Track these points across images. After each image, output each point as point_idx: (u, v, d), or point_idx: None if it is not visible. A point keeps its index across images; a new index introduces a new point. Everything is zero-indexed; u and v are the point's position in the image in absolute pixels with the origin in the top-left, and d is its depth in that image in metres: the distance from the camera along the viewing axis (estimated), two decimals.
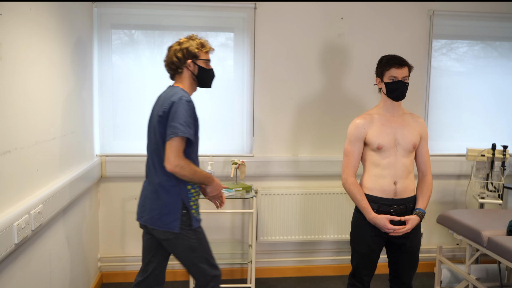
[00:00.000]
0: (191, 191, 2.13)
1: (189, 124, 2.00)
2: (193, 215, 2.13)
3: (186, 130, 1.98)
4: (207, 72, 2.18)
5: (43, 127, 2.12)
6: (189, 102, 2.03)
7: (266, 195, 3.31)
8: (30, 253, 1.97)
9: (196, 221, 2.16)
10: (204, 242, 2.21)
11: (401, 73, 2.20)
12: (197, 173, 2.05)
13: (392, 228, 2.19)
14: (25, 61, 1.91)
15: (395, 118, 2.28)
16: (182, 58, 2.12)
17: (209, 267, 2.19)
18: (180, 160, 1.97)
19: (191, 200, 2.13)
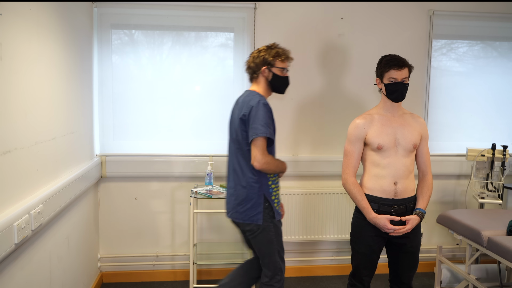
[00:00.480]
0: (272, 186, 2.34)
1: (268, 125, 2.22)
2: (275, 208, 2.33)
3: (267, 130, 2.21)
4: (280, 79, 2.34)
5: (43, 127, 2.12)
6: (266, 105, 2.24)
7: None
8: (30, 253, 1.97)
9: (278, 214, 2.35)
10: (279, 235, 2.37)
11: (400, 74, 2.20)
12: (279, 165, 2.33)
13: (392, 228, 2.19)
14: (25, 61, 1.91)
15: (395, 118, 2.28)
16: (258, 64, 2.32)
17: (280, 260, 2.38)
18: (266, 157, 2.22)
19: (272, 194, 2.33)
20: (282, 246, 2.40)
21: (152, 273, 3.38)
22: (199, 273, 3.38)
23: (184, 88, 3.30)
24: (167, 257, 3.39)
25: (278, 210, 2.35)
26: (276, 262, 2.37)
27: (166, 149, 3.31)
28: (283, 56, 2.33)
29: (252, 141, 2.20)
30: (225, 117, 3.35)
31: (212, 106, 3.33)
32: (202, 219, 3.38)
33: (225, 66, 3.33)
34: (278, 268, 2.37)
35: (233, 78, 3.32)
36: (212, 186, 3.07)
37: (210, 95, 3.33)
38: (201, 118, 3.34)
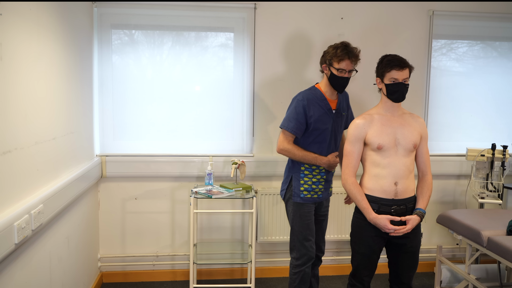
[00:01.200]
0: (305, 172, 2.58)
1: (290, 119, 2.52)
2: (296, 190, 2.59)
3: (286, 124, 2.54)
4: (336, 79, 2.49)
5: (43, 127, 2.12)
6: (299, 101, 2.52)
7: (266, 195, 3.31)
8: (30, 253, 1.97)
9: (297, 197, 2.60)
10: (300, 218, 2.60)
11: (402, 74, 2.20)
12: (297, 156, 2.53)
13: (392, 228, 2.19)
14: (25, 61, 1.91)
15: (395, 118, 2.28)
16: (321, 60, 2.56)
17: (299, 244, 2.60)
18: (283, 145, 2.54)
19: (302, 179, 2.59)
20: (303, 231, 2.60)
21: (152, 273, 3.38)
22: (199, 273, 3.38)
23: (184, 88, 3.30)
24: (167, 257, 3.39)
25: (301, 194, 2.59)
26: (295, 242, 2.62)
27: (166, 149, 3.31)
28: (339, 57, 2.44)
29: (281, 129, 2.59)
30: (225, 117, 3.36)
31: (212, 106, 3.33)
32: (202, 219, 3.38)
33: (225, 66, 3.33)
34: (302, 251, 2.60)
35: (233, 78, 3.32)
36: (212, 186, 3.07)
37: (210, 95, 3.33)
38: (201, 118, 3.34)
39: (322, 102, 2.55)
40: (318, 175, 2.59)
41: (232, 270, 3.45)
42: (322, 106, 2.54)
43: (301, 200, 2.59)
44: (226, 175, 3.29)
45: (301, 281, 2.61)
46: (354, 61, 2.47)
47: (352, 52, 2.44)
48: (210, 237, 3.40)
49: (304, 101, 2.51)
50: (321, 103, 2.54)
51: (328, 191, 2.71)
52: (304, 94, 2.55)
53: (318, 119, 2.52)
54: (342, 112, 2.64)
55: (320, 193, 2.62)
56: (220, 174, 3.29)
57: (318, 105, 2.53)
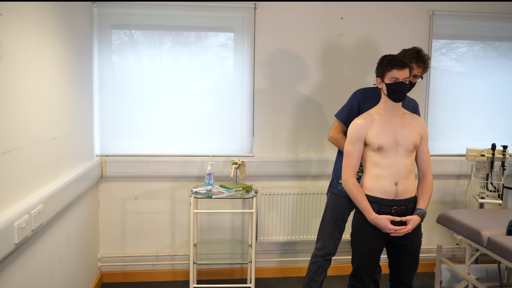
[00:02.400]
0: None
1: (343, 109, 2.63)
2: (335, 182, 2.68)
3: (339, 113, 2.66)
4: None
5: (43, 127, 2.12)
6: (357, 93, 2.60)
7: (266, 195, 3.31)
8: (30, 253, 1.97)
9: (335, 188, 2.68)
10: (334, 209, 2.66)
11: (402, 74, 2.20)
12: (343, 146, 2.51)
13: (393, 228, 2.19)
14: (25, 61, 1.91)
15: (395, 118, 2.28)
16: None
17: (324, 235, 2.67)
18: (333, 133, 2.63)
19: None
20: (331, 223, 2.65)
21: (152, 273, 3.38)
22: (199, 273, 3.38)
23: (184, 88, 3.30)
24: (167, 257, 3.39)
25: (339, 186, 2.64)
26: (321, 232, 2.69)
27: (166, 149, 3.31)
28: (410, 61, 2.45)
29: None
30: (225, 117, 3.37)
31: (212, 106, 3.33)
32: (202, 219, 3.38)
33: (225, 66, 3.33)
34: (325, 243, 2.66)
35: (233, 78, 3.32)
36: (212, 186, 3.07)
37: (210, 95, 3.33)
38: (201, 118, 3.34)
39: (375, 97, 2.54)
40: (361, 172, 2.49)
41: (232, 270, 3.45)
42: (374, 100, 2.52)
43: (339, 192, 2.64)
44: (226, 175, 3.29)
45: (316, 271, 2.69)
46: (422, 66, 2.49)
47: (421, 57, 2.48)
48: (210, 237, 3.40)
49: (362, 94, 2.57)
50: (374, 98, 2.53)
51: None
52: (364, 89, 2.60)
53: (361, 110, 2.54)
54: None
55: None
56: (220, 174, 3.29)
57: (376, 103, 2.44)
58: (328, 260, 2.70)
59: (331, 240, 2.66)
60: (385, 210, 2.22)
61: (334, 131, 2.64)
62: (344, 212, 2.66)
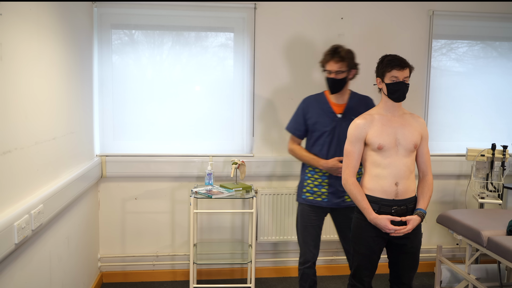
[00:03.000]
0: (308, 174, 2.64)
1: (291, 120, 2.71)
2: (300, 191, 2.67)
3: (288, 124, 2.73)
4: (328, 80, 2.58)
5: (43, 127, 2.12)
6: (300, 104, 2.68)
7: (266, 195, 3.31)
8: (30, 253, 1.97)
9: (299, 197, 2.68)
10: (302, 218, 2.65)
11: (402, 74, 2.20)
12: (298, 156, 2.66)
13: (393, 228, 2.19)
14: (25, 61, 1.91)
15: (395, 118, 2.28)
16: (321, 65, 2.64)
17: (299, 244, 2.69)
18: (289, 145, 2.72)
19: (305, 180, 2.65)
20: (303, 231, 2.66)
21: (152, 273, 3.38)
22: (199, 273, 3.38)
23: (184, 88, 3.30)
24: (167, 257, 3.39)
25: (304, 196, 2.65)
26: (299, 241, 2.71)
27: (166, 149, 3.31)
28: (325, 60, 2.55)
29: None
30: (225, 117, 3.36)
31: (212, 106, 3.33)
32: (202, 219, 3.38)
33: (225, 66, 3.33)
34: (302, 251, 2.68)
35: (233, 78, 3.32)
36: (212, 186, 3.07)
37: (210, 95, 3.33)
38: (201, 118, 3.34)
39: (324, 105, 2.62)
40: (320, 179, 2.62)
41: (232, 270, 3.45)
42: (324, 109, 2.61)
43: (302, 200, 2.66)
44: (226, 175, 3.29)
45: (301, 278, 2.69)
46: (340, 61, 2.50)
47: (336, 53, 2.50)
48: (210, 237, 3.40)
49: (304, 103, 2.66)
50: (323, 106, 2.62)
51: (340, 198, 2.62)
52: (307, 98, 2.68)
53: (317, 121, 2.59)
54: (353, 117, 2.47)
55: (324, 197, 2.61)
56: (220, 174, 3.29)
57: (318, 108, 2.61)
58: (309, 267, 2.66)
59: (306, 248, 2.66)
60: (385, 210, 2.22)
61: (289, 142, 2.72)
62: (311, 219, 2.64)
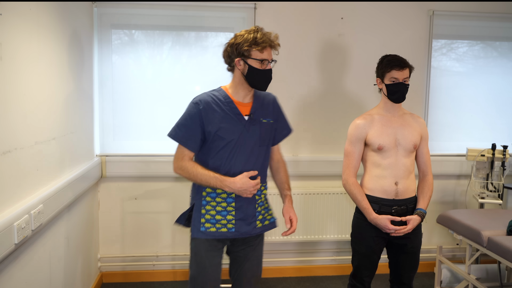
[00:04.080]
0: (207, 198, 1.96)
1: (180, 126, 1.93)
2: (195, 223, 1.97)
3: (173, 132, 1.96)
4: (259, 74, 1.90)
5: (43, 127, 2.11)
6: (194, 104, 1.95)
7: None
8: (30, 253, 1.97)
9: (197, 232, 1.96)
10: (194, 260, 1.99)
11: (402, 74, 2.20)
12: (198, 175, 1.89)
13: (393, 228, 2.19)
14: (25, 61, 1.91)
15: (395, 118, 2.28)
16: (233, 56, 1.94)
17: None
18: (178, 162, 1.94)
19: (203, 207, 1.96)
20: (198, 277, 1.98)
21: (152, 273, 3.38)
22: None
23: (184, 88, 3.30)
24: (167, 257, 3.39)
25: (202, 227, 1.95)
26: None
27: (166, 149, 3.29)
28: (261, 44, 1.90)
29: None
30: None
31: None
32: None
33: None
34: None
35: None
36: None
37: None
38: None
39: (227, 105, 1.95)
40: (224, 202, 1.95)
41: None
42: (227, 110, 1.95)
43: (202, 235, 1.96)
44: None
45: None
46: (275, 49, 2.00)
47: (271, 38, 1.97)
48: None
49: (199, 104, 1.92)
50: (225, 106, 1.95)
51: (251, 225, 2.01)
52: (202, 96, 1.97)
53: (220, 127, 1.92)
54: (262, 119, 2.02)
55: (231, 226, 1.96)
56: None
57: (220, 109, 1.94)
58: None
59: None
60: (385, 210, 2.23)
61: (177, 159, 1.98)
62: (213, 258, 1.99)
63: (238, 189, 1.90)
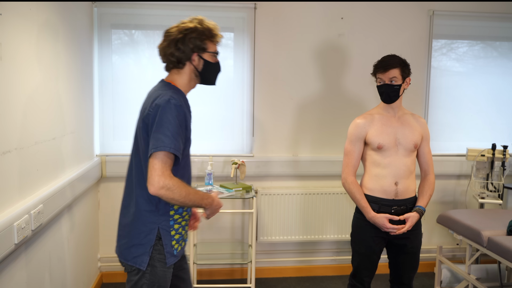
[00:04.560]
0: (175, 216, 1.72)
1: (176, 136, 1.59)
2: (168, 249, 1.70)
3: (172, 144, 1.57)
4: (213, 67, 1.78)
5: (43, 127, 2.11)
6: (179, 107, 1.62)
7: (266, 195, 3.31)
8: (30, 253, 1.97)
9: (171, 257, 1.71)
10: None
11: (386, 76, 2.20)
12: (190, 195, 1.62)
13: (391, 227, 2.19)
14: (25, 61, 1.91)
15: (395, 118, 2.28)
16: (187, 51, 1.72)
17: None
18: (166, 180, 1.55)
19: (172, 228, 1.71)
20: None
21: None
22: (199, 273, 3.38)
23: None
24: None
25: (175, 251, 1.72)
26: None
27: None
28: (217, 35, 1.76)
29: (151, 156, 1.58)
30: (225, 117, 3.36)
31: (212, 106, 3.33)
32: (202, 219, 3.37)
33: (225, 66, 3.33)
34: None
35: (233, 78, 3.32)
36: (212, 186, 3.07)
37: (210, 95, 3.33)
38: (201, 118, 3.33)
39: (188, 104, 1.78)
40: (187, 214, 1.79)
41: (232, 270, 3.45)
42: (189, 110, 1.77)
43: (175, 259, 1.73)
44: (226, 175, 3.28)
45: None
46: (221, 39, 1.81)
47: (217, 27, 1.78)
48: (210, 237, 3.40)
49: (182, 107, 1.64)
50: (188, 105, 1.77)
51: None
52: (173, 95, 1.66)
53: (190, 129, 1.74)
54: None
55: (186, 237, 1.83)
56: (220, 174, 3.29)
57: (189, 113, 1.75)
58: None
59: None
60: (385, 210, 2.23)
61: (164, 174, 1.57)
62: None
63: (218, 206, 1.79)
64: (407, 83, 2.26)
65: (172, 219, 1.71)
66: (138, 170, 1.68)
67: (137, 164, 1.70)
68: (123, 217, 1.76)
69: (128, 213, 1.73)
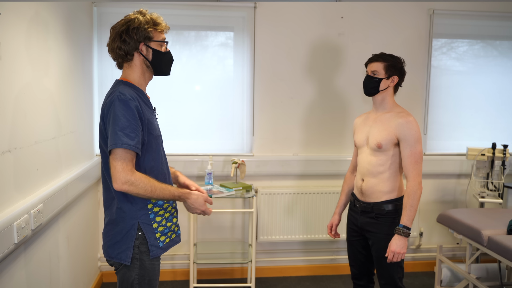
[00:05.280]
0: (154, 209, 1.73)
1: (130, 131, 1.58)
2: (152, 242, 1.71)
3: (126, 140, 1.57)
4: (163, 56, 1.78)
5: (43, 127, 2.11)
6: (125, 102, 1.60)
7: (266, 195, 3.31)
8: (30, 253, 1.97)
9: (156, 249, 1.72)
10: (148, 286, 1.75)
11: (369, 68, 2.22)
12: (157, 190, 1.62)
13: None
14: (25, 61, 1.91)
15: (376, 116, 2.26)
16: (132, 42, 1.71)
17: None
18: (128, 176, 1.56)
19: (153, 221, 1.72)
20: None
21: None
22: (199, 273, 3.38)
23: (184, 88, 3.30)
24: (167, 256, 3.39)
25: (161, 243, 1.74)
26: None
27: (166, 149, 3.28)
28: (162, 24, 1.81)
29: (110, 154, 1.59)
30: (225, 117, 3.36)
31: (212, 106, 3.33)
32: (202, 219, 3.38)
33: (225, 65, 3.33)
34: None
35: (233, 77, 3.32)
36: (212, 186, 3.07)
37: (210, 94, 3.33)
38: (201, 117, 3.33)
39: (144, 98, 1.78)
40: (170, 206, 1.81)
41: (232, 270, 3.45)
42: (147, 104, 1.80)
43: (159, 252, 1.75)
44: (226, 174, 3.28)
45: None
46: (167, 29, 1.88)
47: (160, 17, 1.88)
48: (210, 237, 3.40)
49: (133, 99, 1.65)
50: (142, 100, 1.75)
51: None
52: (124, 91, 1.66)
53: (151, 122, 1.75)
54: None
55: (177, 229, 1.86)
56: (220, 174, 3.29)
57: (144, 104, 1.75)
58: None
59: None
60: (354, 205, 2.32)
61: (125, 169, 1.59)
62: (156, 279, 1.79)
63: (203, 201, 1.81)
64: (393, 81, 2.16)
65: (152, 212, 1.73)
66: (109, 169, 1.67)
67: (108, 163, 1.68)
68: (106, 216, 1.79)
69: (110, 212, 1.75)
